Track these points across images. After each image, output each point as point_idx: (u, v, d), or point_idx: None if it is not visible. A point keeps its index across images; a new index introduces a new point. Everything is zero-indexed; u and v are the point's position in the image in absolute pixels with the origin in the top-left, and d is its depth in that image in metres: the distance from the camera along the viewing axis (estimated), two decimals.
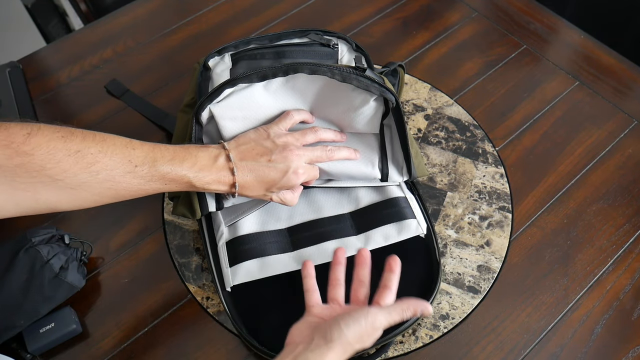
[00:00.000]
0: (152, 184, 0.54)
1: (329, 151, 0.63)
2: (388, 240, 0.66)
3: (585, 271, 0.69)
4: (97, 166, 0.50)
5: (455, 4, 0.97)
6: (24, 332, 0.62)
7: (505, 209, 0.73)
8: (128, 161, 0.52)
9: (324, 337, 0.50)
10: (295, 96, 0.63)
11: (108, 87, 0.86)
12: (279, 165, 0.59)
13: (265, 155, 0.59)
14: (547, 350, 0.63)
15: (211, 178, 0.57)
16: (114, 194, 0.53)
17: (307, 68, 0.59)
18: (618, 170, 0.77)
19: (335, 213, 0.68)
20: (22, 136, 0.47)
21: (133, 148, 0.53)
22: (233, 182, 0.58)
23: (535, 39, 0.92)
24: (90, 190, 0.51)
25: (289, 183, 0.60)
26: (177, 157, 0.55)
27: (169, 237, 0.71)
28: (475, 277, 0.68)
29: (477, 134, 0.80)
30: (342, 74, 0.59)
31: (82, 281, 0.64)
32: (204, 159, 0.57)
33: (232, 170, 0.58)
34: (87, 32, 0.94)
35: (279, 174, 0.59)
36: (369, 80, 0.60)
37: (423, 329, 0.64)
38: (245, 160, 0.59)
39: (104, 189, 0.52)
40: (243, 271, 0.63)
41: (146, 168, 0.53)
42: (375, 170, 0.67)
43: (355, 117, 0.64)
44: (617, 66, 0.88)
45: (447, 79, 0.86)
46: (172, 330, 0.64)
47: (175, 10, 0.96)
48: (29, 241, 0.61)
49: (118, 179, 0.52)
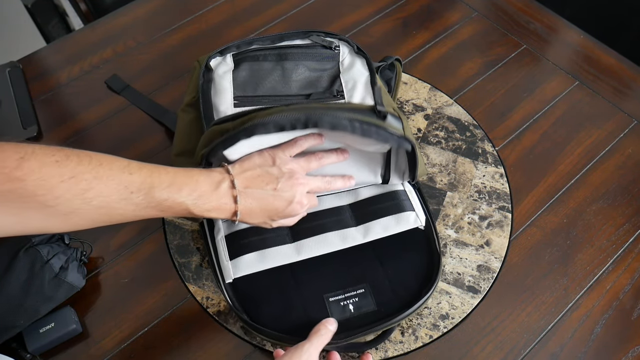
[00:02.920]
0: (148, 211, 0.53)
1: (327, 182, 0.63)
2: (387, 231, 0.66)
3: (585, 271, 0.69)
4: (91, 193, 0.48)
5: (455, 4, 0.97)
6: (24, 332, 0.62)
7: (505, 209, 0.73)
8: (124, 187, 0.50)
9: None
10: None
11: (108, 82, 0.86)
12: (285, 194, 0.58)
13: (272, 184, 0.58)
14: (547, 350, 0.63)
15: (211, 205, 0.55)
16: (107, 220, 0.52)
17: (327, 122, 0.56)
18: (618, 170, 0.77)
19: (335, 205, 0.69)
20: (15, 160, 0.45)
21: (130, 173, 0.51)
22: (235, 211, 0.57)
23: (535, 39, 0.92)
24: (83, 216, 0.50)
25: (292, 213, 0.60)
26: (176, 183, 0.53)
27: (169, 237, 0.71)
28: (475, 277, 0.68)
29: (476, 133, 0.80)
30: (362, 129, 0.56)
31: (82, 281, 0.64)
32: (204, 184, 0.55)
33: (235, 198, 0.56)
34: (87, 32, 0.94)
35: (284, 203, 0.58)
36: (388, 134, 0.58)
37: (423, 329, 0.64)
38: (251, 188, 0.57)
39: (98, 215, 0.50)
40: (243, 264, 0.64)
41: (142, 195, 0.51)
42: (377, 177, 0.68)
43: (368, 148, 0.63)
44: (617, 66, 0.88)
45: (447, 78, 0.86)
46: (172, 330, 0.64)
47: (175, 10, 0.96)
48: (28, 241, 0.61)
49: (113, 206, 0.50)
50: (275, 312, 0.63)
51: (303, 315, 0.62)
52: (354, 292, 0.64)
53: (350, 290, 0.64)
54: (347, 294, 0.64)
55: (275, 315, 0.62)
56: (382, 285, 0.64)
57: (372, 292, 0.64)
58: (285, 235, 0.66)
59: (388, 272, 0.65)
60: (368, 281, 0.64)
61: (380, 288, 0.64)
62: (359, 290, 0.64)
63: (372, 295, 0.63)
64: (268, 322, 0.62)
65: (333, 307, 0.63)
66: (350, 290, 0.64)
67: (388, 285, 0.64)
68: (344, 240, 0.66)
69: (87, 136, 0.81)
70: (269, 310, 0.63)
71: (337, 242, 0.66)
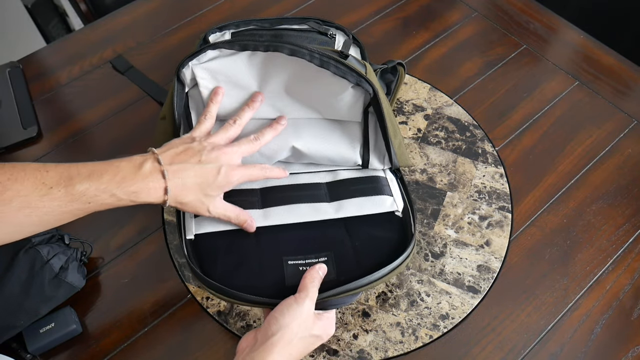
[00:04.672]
0: (75, 205, 0.51)
1: (254, 140, 0.62)
2: (361, 210, 0.64)
3: (585, 271, 0.69)
4: (8, 194, 0.47)
5: (455, 4, 0.97)
6: (24, 332, 0.62)
7: (505, 209, 0.73)
8: (42, 184, 0.49)
9: (265, 334, 0.51)
10: (277, 72, 0.63)
11: (113, 62, 0.87)
12: (210, 165, 0.57)
13: (195, 157, 0.57)
14: (546, 350, 0.63)
15: (137, 186, 0.53)
16: (38, 221, 0.50)
17: (287, 48, 0.58)
18: (618, 170, 0.77)
19: (311, 181, 0.67)
20: None
21: (46, 170, 0.50)
22: (165, 187, 0.55)
23: (535, 39, 0.92)
24: (8, 220, 0.48)
25: (224, 182, 0.58)
26: (96, 172, 0.52)
27: (169, 237, 0.71)
28: (475, 277, 0.68)
29: (476, 133, 0.80)
30: (321, 59, 0.59)
31: (82, 281, 0.64)
32: (126, 168, 0.53)
33: (162, 174, 0.55)
34: (87, 32, 0.94)
35: (212, 172, 0.57)
36: (347, 68, 0.59)
37: (423, 329, 0.64)
38: (176, 164, 0.56)
39: (23, 216, 0.49)
40: (206, 222, 0.62)
41: (62, 188, 0.50)
42: (356, 154, 0.66)
43: (335, 103, 0.64)
44: (617, 66, 0.88)
45: (447, 78, 0.86)
46: (172, 330, 0.64)
47: (175, 10, 0.96)
48: (29, 241, 0.61)
49: (35, 204, 0.49)
50: (229, 267, 0.60)
51: (258, 273, 0.60)
52: (315, 259, 0.61)
53: (311, 257, 0.61)
54: (307, 260, 0.60)
55: (229, 270, 0.60)
56: (346, 256, 0.61)
57: (335, 261, 0.60)
58: (255, 202, 0.65)
59: (355, 244, 0.61)
60: (333, 250, 0.61)
61: (344, 258, 0.60)
62: (321, 258, 0.61)
63: (334, 264, 0.60)
64: (221, 277, 0.59)
65: (290, 269, 0.60)
66: (311, 257, 0.61)
67: (353, 256, 0.61)
68: (316, 212, 0.64)
69: (87, 136, 0.81)
70: (223, 265, 0.60)
71: (307, 213, 0.64)
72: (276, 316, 0.52)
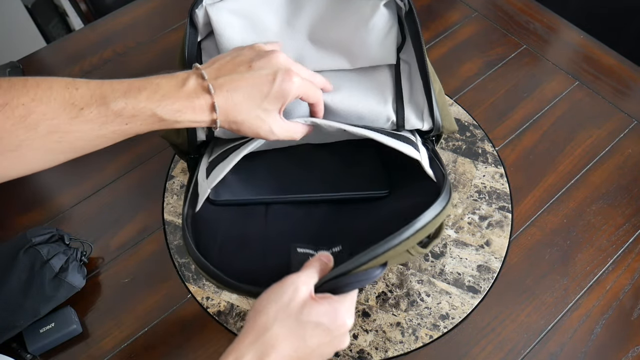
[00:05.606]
0: (110, 126, 0.45)
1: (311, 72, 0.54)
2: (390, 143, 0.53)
3: (585, 271, 0.69)
4: (32, 118, 0.41)
5: (455, 4, 0.97)
6: (24, 332, 0.62)
7: (505, 209, 0.73)
8: (71, 105, 0.43)
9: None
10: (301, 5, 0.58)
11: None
12: (264, 70, 0.48)
13: (244, 65, 0.49)
14: (546, 350, 0.63)
15: (181, 104, 0.46)
16: (69, 147, 0.44)
17: None
18: (618, 170, 0.77)
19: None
20: None
21: (76, 88, 0.44)
22: (212, 103, 0.47)
23: (535, 39, 0.92)
24: (35, 148, 0.42)
25: (283, 91, 0.48)
26: (133, 89, 0.45)
27: (169, 237, 0.71)
28: (475, 277, 0.68)
29: (476, 133, 0.80)
30: None
31: (82, 281, 0.64)
32: (167, 85, 0.47)
33: (207, 89, 0.47)
34: (87, 32, 0.94)
35: (267, 79, 0.48)
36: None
37: (423, 329, 0.64)
38: (222, 76, 0.48)
39: (52, 143, 0.43)
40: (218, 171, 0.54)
41: (95, 109, 0.43)
42: (388, 108, 0.58)
43: (366, 35, 0.57)
44: (617, 66, 0.88)
45: (447, 78, 0.86)
46: (172, 330, 0.64)
47: (175, 10, 0.96)
48: (29, 241, 0.61)
49: (64, 128, 0.43)
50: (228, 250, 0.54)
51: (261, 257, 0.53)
52: (327, 250, 0.52)
53: (323, 248, 0.52)
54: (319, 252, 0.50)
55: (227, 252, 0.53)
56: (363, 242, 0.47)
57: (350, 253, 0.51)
58: None
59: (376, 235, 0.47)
60: (350, 241, 0.53)
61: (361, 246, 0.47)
62: (334, 249, 0.53)
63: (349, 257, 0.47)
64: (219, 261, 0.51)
65: (297, 258, 0.52)
66: (323, 248, 0.52)
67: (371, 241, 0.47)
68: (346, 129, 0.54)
69: None
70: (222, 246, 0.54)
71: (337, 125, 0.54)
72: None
